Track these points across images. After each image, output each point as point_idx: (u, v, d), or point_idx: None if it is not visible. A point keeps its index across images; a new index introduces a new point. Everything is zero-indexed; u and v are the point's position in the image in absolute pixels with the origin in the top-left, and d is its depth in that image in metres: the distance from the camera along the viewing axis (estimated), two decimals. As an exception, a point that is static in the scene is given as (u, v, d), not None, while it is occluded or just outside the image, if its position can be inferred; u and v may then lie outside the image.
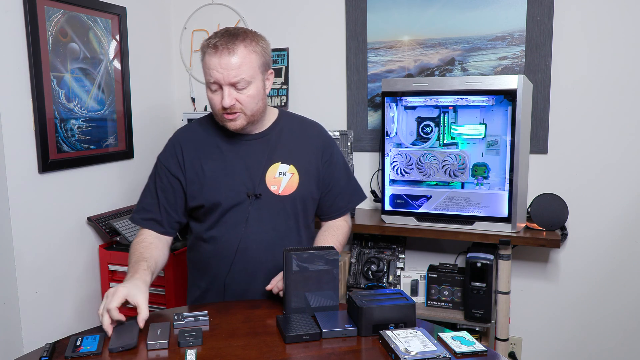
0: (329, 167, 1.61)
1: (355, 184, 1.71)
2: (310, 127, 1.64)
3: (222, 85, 1.41)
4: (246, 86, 1.42)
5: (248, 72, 1.41)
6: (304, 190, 1.55)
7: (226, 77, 1.39)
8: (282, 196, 1.52)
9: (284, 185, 1.52)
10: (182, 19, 2.75)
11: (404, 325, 1.24)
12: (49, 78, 2.01)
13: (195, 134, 1.57)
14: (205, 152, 1.53)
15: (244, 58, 1.41)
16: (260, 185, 1.50)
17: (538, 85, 2.18)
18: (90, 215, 2.23)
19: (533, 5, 2.16)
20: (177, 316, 1.30)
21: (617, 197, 2.16)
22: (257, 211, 1.50)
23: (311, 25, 2.54)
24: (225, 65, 1.39)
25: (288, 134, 1.58)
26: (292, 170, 1.53)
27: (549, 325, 2.31)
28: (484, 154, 2.02)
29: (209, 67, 1.41)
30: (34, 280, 1.99)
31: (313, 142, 1.60)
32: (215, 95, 1.44)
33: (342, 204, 1.65)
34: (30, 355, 1.19)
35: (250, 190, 1.49)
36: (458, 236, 2.06)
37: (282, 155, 1.54)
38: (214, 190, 1.50)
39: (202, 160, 1.52)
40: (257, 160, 1.52)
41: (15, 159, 1.90)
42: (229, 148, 1.53)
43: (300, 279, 1.31)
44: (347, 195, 1.67)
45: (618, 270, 2.19)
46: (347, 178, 1.67)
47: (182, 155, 1.53)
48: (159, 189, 1.54)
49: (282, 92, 2.57)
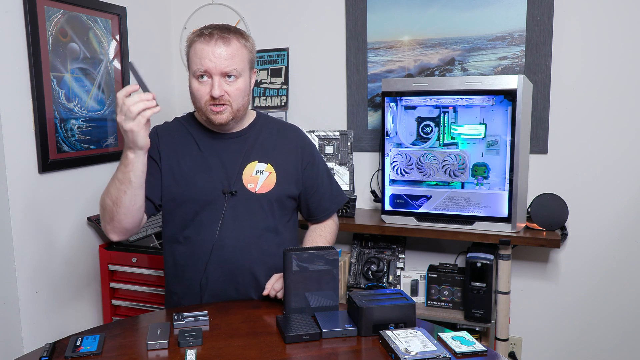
0: (312, 169, 1.60)
1: (337, 186, 1.70)
2: (288, 129, 1.64)
3: (212, 75, 1.40)
4: (236, 78, 1.43)
5: (240, 64, 1.43)
6: (281, 189, 1.53)
7: (219, 66, 1.40)
8: (259, 194, 1.50)
9: (260, 183, 1.50)
10: (182, 19, 2.75)
11: (404, 325, 1.24)
12: (49, 78, 2.01)
13: (174, 128, 1.57)
14: (183, 148, 1.52)
15: (237, 50, 1.42)
16: (236, 183, 1.48)
17: (538, 85, 2.18)
18: (90, 215, 2.23)
19: (533, 5, 2.16)
20: (177, 316, 1.30)
21: (617, 197, 2.16)
22: (232, 209, 1.47)
23: (311, 25, 2.54)
24: (218, 54, 1.39)
25: (266, 134, 1.58)
26: (270, 169, 1.52)
27: (549, 325, 2.31)
28: (484, 154, 2.02)
29: (201, 56, 1.40)
30: (34, 280, 1.99)
31: (291, 143, 1.59)
32: (202, 85, 1.43)
33: (328, 204, 1.64)
34: (30, 355, 1.19)
35: (226, 188, 1.48)
36: (458, 236, 2.06)
37: (259, 154, 1.53)
38: (188, 185, 1.48)
39: (178, 155, 1.51)
40: (234, 158, 1.51)
41: (15, 159, 1.90)
42: (206, 145, 1.52)
43: (300, 279, 1.31)
44: (332, 196, 1.66)
45: (618, 270, 2.19)
46: (330, 180, 1.67)
47: (158, 144, 1.52)
48: None
49: (282, 92, 2.57)
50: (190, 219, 1.49)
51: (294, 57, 2.57)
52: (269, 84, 2.59)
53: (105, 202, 1.41)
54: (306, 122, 2.57)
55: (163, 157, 1.51)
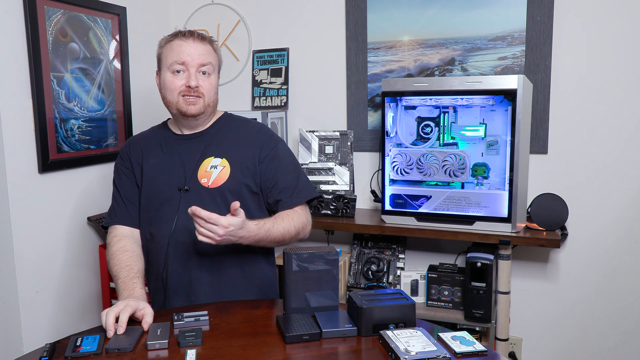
0: (271, 163, 1.58)
1: (305, 182, 1.63)
2: (250, 126, 1.65)
3: (189, 68, 1.51)
4: (211, 73, 1.54)
5: (214, 60, 1.56)
6: (234, 182, 1.53)
7: (196, 59, 1.51)
8: (211, 188, 1.53)
9: (213, 177, 1.54)
10: (182, 19, 2.75)
11: (404, 325, 1.24)
12: (49, 78, 2.01)
13: (143, 136, 1.69)
14: (148, 151, 1.62)
15: (211, 50, 1.56)
16: (191, 180, 1.53)
17: (538, 85, 2.18)
18: (90, 215, 2.23)
19: (533, 5, 2.16)
20: (177, 316, 1.30)
21: (617, 197, 2.16)
22: (186, 204, 1.49)
23: (311, 25, 2.54)
24: (195, 49, 1.52)
25: (226, 131, 1.62)
26: (224, 164, 1.55)
27: (549, 325, 2.31)
28: (484, 154, 2.02)
29: (179, 51, 1.51)
30: (34, 280, 1.99)
31: (251, 138, 1.60)
32: (177, 78, 1.52)
33: (288, 198, 1.58)
34: (30, 355, 1.19)
35: (181, 184, 1.53)
36: (458, 236, 2.06)
37: (216, 151, 1.57)
38: (150, 185, 1.57)
39: (144, 159, 1.61)
40: (193, 156, 1.57)
41: (15, 159, 1.90)
42: (169, 147, 1.60)
43: (300, 279, 1.31)
44: (294, 191, 1.59)
45: (618, 270, 2.19)
46: (296, 176, 1.61)
47: (128, 155, 1.64)
48: (119, 187, 1.64)
49: (282, 92, 2.57)
50: (152, 216, 1.56)
51: (294, 57, 2.57)
52: (269, 84, 2.59)
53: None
54: (306, 122, 2.57)
55: (133, 163, 1.62)
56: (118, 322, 1.24)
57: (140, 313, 1.28)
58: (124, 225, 1.59)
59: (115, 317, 1.24)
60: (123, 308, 1.26)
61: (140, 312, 1.28)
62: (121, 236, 1.56)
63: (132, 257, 1.50)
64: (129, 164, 1.62)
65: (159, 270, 1.55)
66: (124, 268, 1.46)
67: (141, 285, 1.42)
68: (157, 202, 1.55)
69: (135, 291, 1.39)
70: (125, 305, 1.27)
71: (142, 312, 1.29)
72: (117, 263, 1.48)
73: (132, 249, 1.53)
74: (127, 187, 1.62)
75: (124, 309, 1.25)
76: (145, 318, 1.27)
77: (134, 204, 1.61)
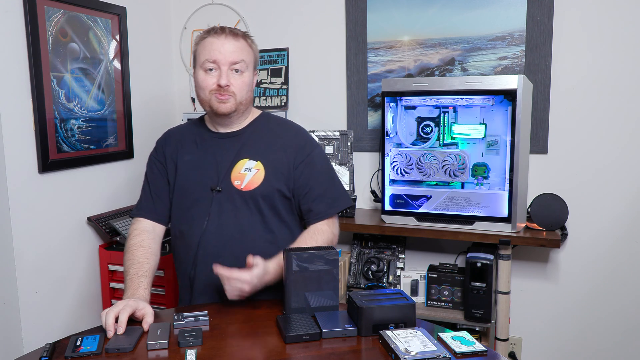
0: (305, 169, 1.56)
1: (339, 190, 1.62)
2: (288, 128, 1.63)
3: (220, 66, 1.48)
4: (244, 71, 1.51)
5: (247, 58, 1.52)
6: (268, 187, 1.52)
7: (228, 57, 1.48)
8: (244, 191, 1.51)
9: (247, 180, 1.52)
10: (182, 19, 2.75)
11: (404, 325, 1.24)
12: (49, 78, 2.01)
13: (180, 130, 1.68)
14: (184, 147, 1.61)
15: (244, 46, 1.53)
16: (224, 180, 1.52)
17: (538, 85, 2.18)
18: (90, 215, 2.23)
19: (533, 5, 2.16)
20: (177, 316, 1.30)
21: (617, 196, 2.16)
22: (218, 205, 1.51)
23: (311, 25, 2.54)
24: (228, 47, 1.49)
25: (263, 132, 1.60)
26: (259, 167, 1.53)
27: (549, 325, 2.31)
28: (484, 154, 2.02)
29: (211, 48, 1.48)
30: (34, 280, 1.99)
31: (287, 142, 1.58)
32: (209, 76, 1.50)
33: (318, 207, 1.56)
34: (30, 355, 1.19)
35: (214, 184, 1.52)
36: (458, 236, 2.06)
37: (251, 152, 1.55)
38: (183, 183, 1.57)
39: (179, 154, 1.60)
40: (227, 156, 1.55)
41: (15, 159, 1.90)
42: (204, 144, 1.59)
43: (300, 279, 1.31)
44: (326, 199, 1.58)
45: (618, 270, 2.19)
46: (330, 182, 1.61)
47: (163, 149, 1.64)
48: (150, 180, 1.63)
49: (282, 92, 2.57)
50: (183, 214, 1.56)
51: (294, 57, 2.57)
52: (269, 84, 2.59)
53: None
54: (306, 122, 2.56)
55: (167, 158, 1.62)
56: (118, 322, 1.24)
57: (140, 313, 1.28)
58: (148, 219, 1.59)
59: (115, 317, 1.24)
60: (122, 308, 1.26)
61: (140, 312, 1.28)
62: (141, 230, 1.55)
63: (145, 254, 1.49)
64: (163, 158, 1.62)
65: (187, 269, 1.56)
66: (135, 264, 1.45)
67: (146, 286, 1.42)
68: (188, 201, 1.55)
69: (138, 291, 1.38)
70: (125, 305, 1.27)
71: (142, 312, 1.28)
72: (130, 258, 1.48)
73: (149, 245, 1.52)
74: (157, 182, 1.61)
75: (123, 309, 1.25)
76: (145, 318, 1.27)
77: (161, 199, 1.60)
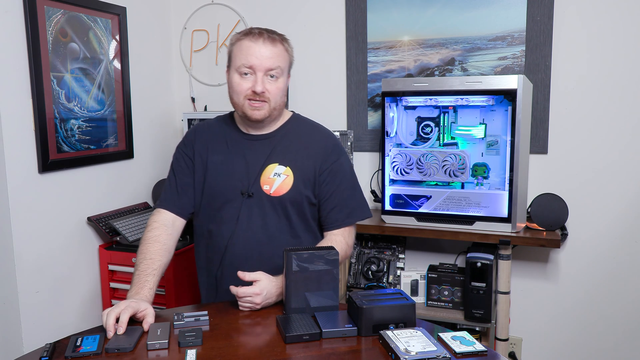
0: (328, 176, 1.55)
1: (359, 200, 1.61)
2: (317, 132, 1.62)
3: (256, 72, 1.46)
4: (279, 76, 1.49)
5: (283, 63, 1.50)
6: (297, 193, 1.52)
7: (264, 63, 1.45)
8: (273, 197, 1.51)
9: (276, 186, 1.52)
10: (182, 19, 2.75)
11: (404, 325, 1.24)
12: (49, 78, 2.01)
13: (210, 127, 1.64)
14: (213, 145, 1.59)
15: (281, 51, 1.50)
16: (254, 184, 1.52)
17: (538, 85, 2.18)
18: (90, 215, 2.23)
19: (533, 5, 2.16)
20: (177, 316, 1.30)
21: (617, 197, 2.16)
22: (248, 209, 1.51)
23: (311, 25, 2.54)
24: (265, 53, 1.46)
25: (293, 136, 1.58)
26: (288, 172, 1.53)
27: (549, 325, 2.31)
28: (484, 154, 2.02)
29: (247, 52, 1.46)
30: (34, 280, 1.99)
31: (316, 147, 1.57)
32: (244, 80, 1.47)
33: (339, 216, 1.56)
34: (30, 355, 1.19)
35: (244, 188, 1.52)
36: (458, 236, 2.06)
37: (281, 157, 1.54)
38: (213, 183, 1.55)
39: (209, 152, 1.58)
40: (257, 159, 1.54)
41: (15, 159, 1.90)
42: (234, 145, 1.57)
43: (300, 279, 1.31)
44: (347, 208, 1.57)
45: (618, 270, 2.19)
46: (351, 191, 1.59)
47: (193, 144, 1.60)
48: (176, 172, 1.61)
49: (282, 92, 2.56)
50: (213, 214, 1.56)
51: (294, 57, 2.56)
52: (269, 84, 2.59)
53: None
54: (306, 122, 2.57)
55: (196, 154, 1.59)
56: (118, 322, 1.24)
57: (142, 314, 1.28)
58: (170, 212, 1.57)
59: (115, 317, 1.24)
60: (124, 309, 1.26)
61: (141, 314, 1.28)
62: (161, 223, 1.53)
63: (159, 251, 1.47)
64: (192, 152, 1.59)
65: (213, 269, 1.56)
66: (146, 259, 1.45)
67: (152, 285, 1.41)
68: (218, 202, 1.54)
69: (142, 290, 1.38)
70: (126, 306, 1.27)
71: (143, 313, 1.28)
72: (144, 251, 1.47)
73: (164, 241, 1.50)
74: (183, 176, 1.59)
75: (124, 310, 1.25)
76: (146, 319, 1.27)
77: (186, 193, 1.58)
